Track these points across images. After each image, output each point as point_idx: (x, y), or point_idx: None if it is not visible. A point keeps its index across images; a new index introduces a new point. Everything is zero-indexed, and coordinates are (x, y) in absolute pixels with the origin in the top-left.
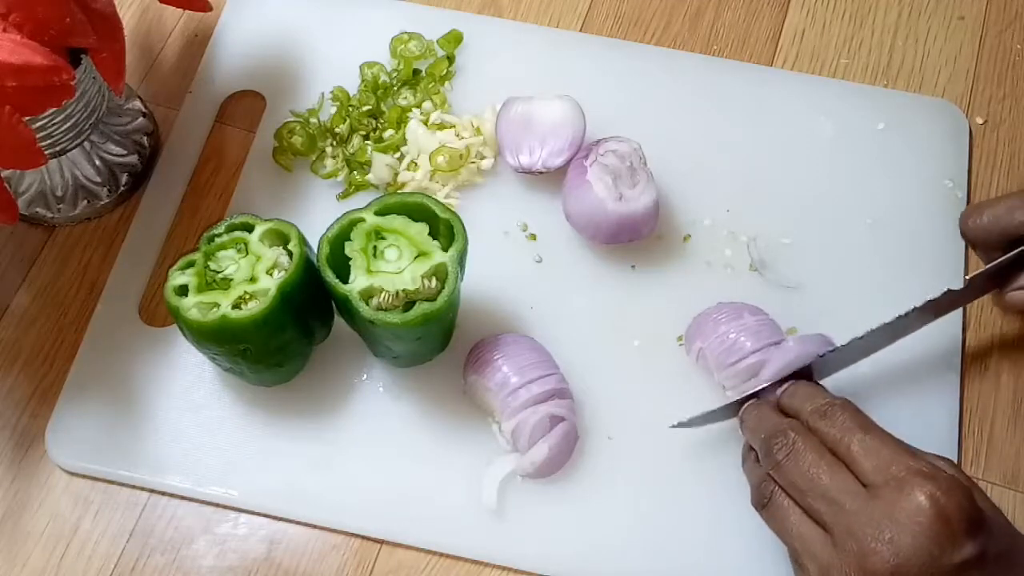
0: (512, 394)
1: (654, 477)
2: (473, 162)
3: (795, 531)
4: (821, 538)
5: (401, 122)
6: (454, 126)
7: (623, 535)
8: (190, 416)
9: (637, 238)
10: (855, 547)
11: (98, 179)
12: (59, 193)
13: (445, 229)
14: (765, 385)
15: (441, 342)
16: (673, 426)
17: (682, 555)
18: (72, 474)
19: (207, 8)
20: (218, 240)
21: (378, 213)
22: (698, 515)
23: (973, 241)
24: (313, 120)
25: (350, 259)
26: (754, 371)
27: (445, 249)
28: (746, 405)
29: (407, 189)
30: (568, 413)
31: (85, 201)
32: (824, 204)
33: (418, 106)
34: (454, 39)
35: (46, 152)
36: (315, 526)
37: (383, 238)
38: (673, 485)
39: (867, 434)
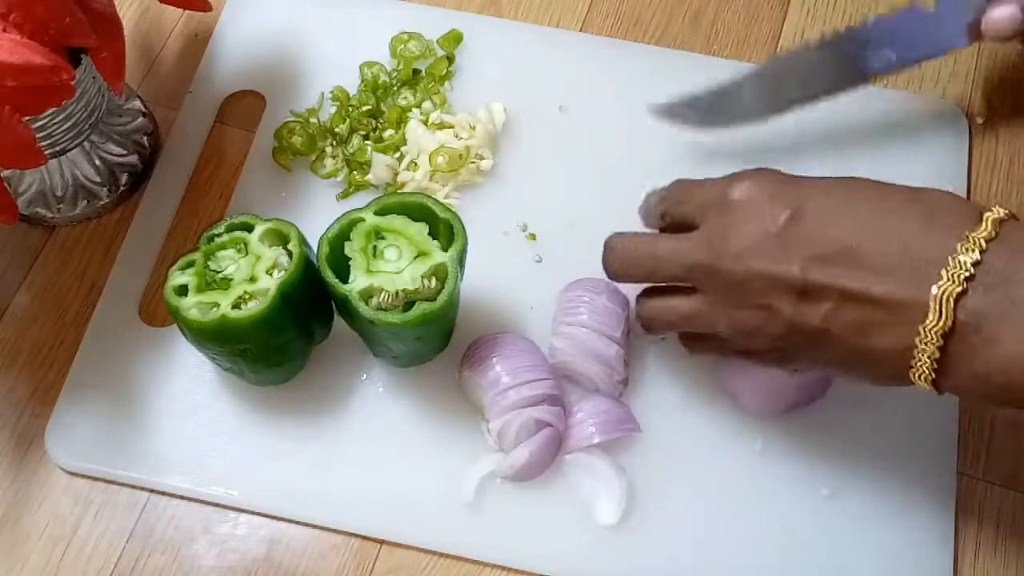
0: (502, 394)
1: (637, 488)
2: (473, 162)
3: (679, 319)
4: (694, 303)
5: (401, 122)
6: (453, 126)
7: (602, 542)
8: (190, 416)
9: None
10: (702, 275)
11: (98, 179)
12: (59, 193)
13: (445, 229)
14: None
15: (441, 342)
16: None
17: None
18: (72, 474)
19: (207, 8)
20: (218, 240)
21: (378, 213)
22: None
23: None
24: (313, 120)
25: (350, 259)
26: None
27: (445, 249)
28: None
29: (407, 189)
30: (555, 420)
31: (85, 201)
32: None
33: (418, 106)
34: (454, 39)
35: (46, 152)
36: (315, 526)
37: (383, 238)
38: (664, 498)
39: (691, 187)
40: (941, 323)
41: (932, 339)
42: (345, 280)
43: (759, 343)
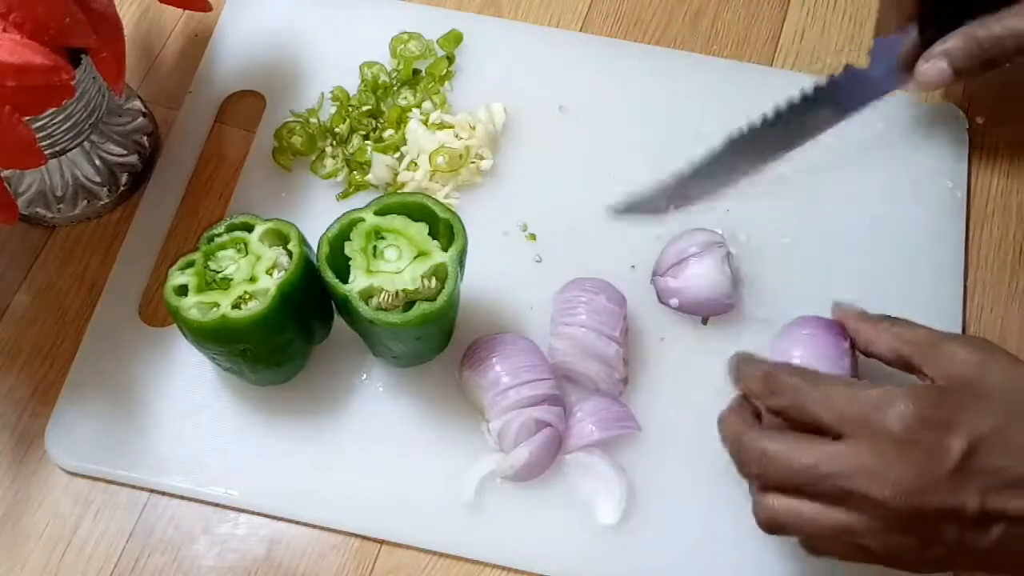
0: (502, 394)
1: (637, 487)
2: (473, 162)
3: (820, 530)
4: (844, 518)
5: (401, 122)
6: (453, 126)
7: (602, 542)
8: (190, 416)
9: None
10: (862, 501)
11: (98, 179)
12: (59, 193)
13: (445, 229)
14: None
15: (441, 342)
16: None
17: None
18: (72, 474)
19: (207, 8)
20: (218, 240)
21: (378, 213)
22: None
23: None
24: (313, 120)
25: (350, 259)
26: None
27: (445, 249)
28: (722, 414)
29: (407, 189)
30: (556, 420)
31: (85, 201)
32: (824, 204)
33: (418, 106)
34: (454, 39)
35: (46, 152)
36: (315, 526)
37: (383, 238)
38: (664, 498)
39: (815, 388)
40: None
41: None
42: (345, 280)
43: (909, 562)
